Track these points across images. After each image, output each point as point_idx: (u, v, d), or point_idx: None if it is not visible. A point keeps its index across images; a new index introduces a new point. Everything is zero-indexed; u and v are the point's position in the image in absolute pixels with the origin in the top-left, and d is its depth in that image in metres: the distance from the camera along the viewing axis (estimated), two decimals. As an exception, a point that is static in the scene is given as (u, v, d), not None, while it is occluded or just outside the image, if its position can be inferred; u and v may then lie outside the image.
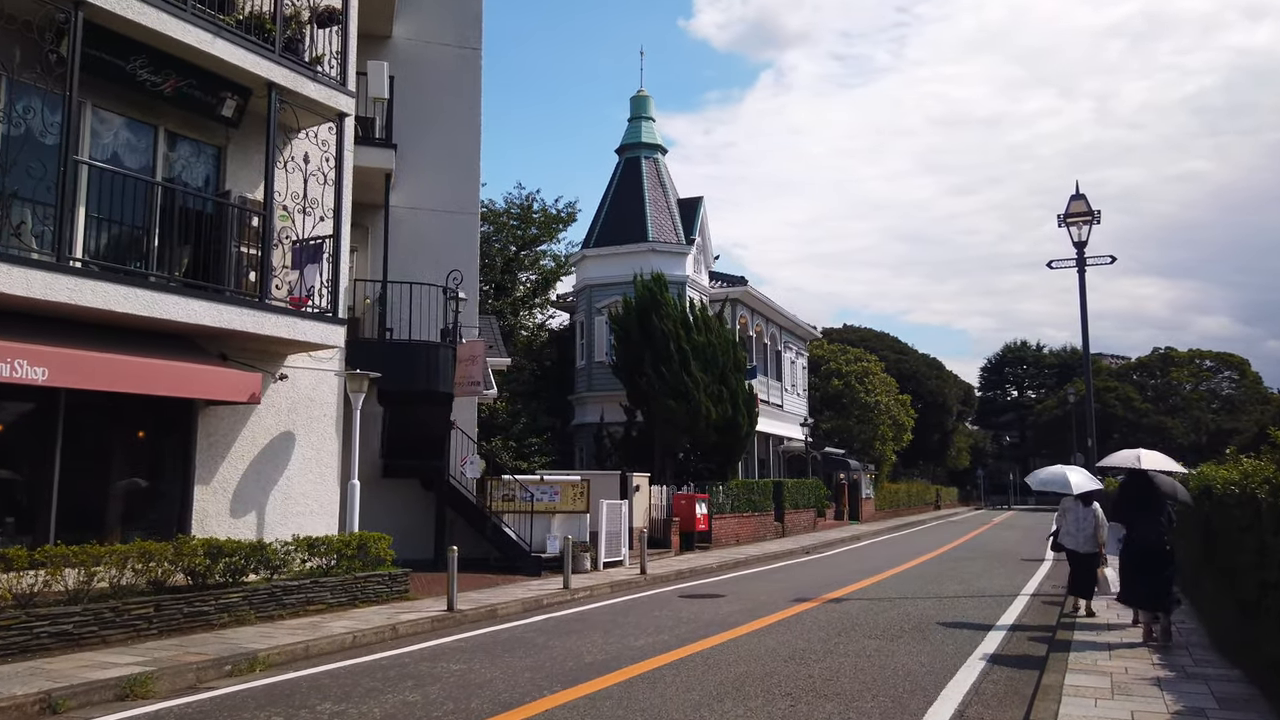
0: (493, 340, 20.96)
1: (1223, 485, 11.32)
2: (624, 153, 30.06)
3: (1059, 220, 15.68)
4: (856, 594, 14.35)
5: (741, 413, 24.00)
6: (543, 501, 17.23)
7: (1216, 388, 74.46)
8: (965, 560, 21.14)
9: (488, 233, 32.41)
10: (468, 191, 17.57)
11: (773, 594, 14.27)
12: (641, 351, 23.60)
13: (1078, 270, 15.56)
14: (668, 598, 13.89)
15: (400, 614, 11.16)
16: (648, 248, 27.75)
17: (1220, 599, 10.80)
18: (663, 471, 24.13)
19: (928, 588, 15.30)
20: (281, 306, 11.71)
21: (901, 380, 52.83)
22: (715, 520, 24.21)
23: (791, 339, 37.80)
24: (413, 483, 16.47)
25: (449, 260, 16.83)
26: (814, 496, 32.58)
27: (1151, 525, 9.75)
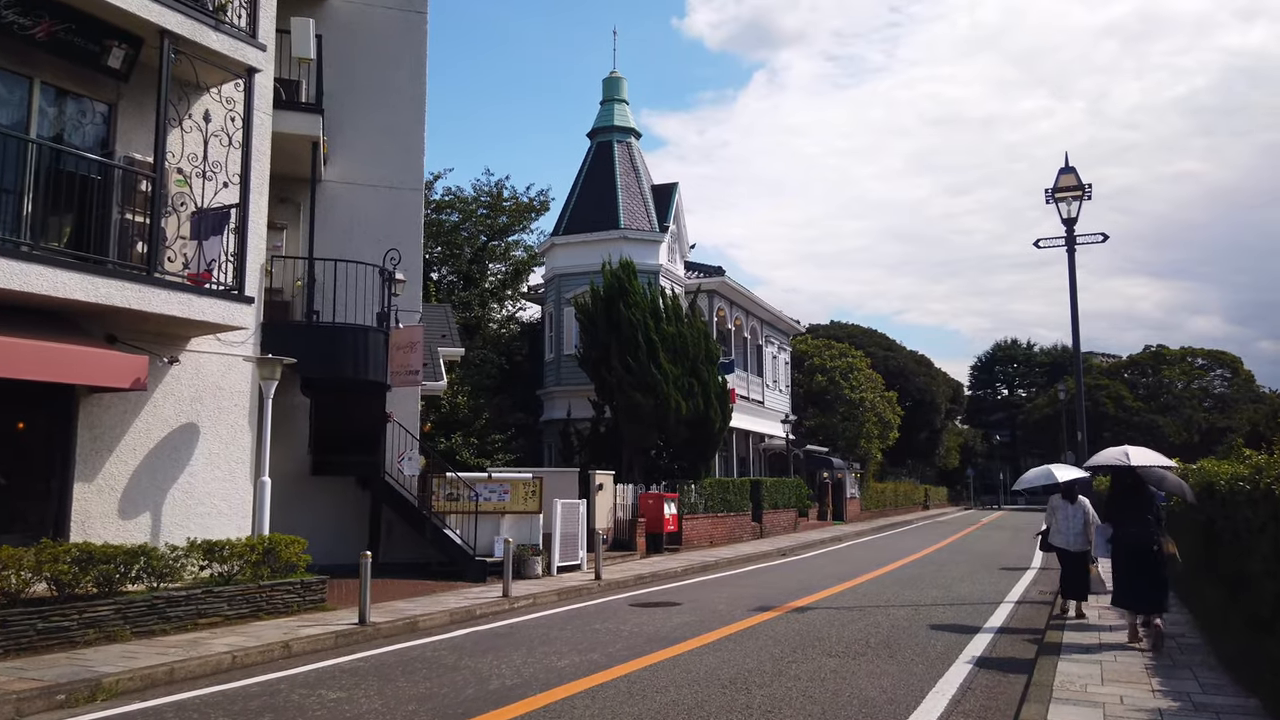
0: (446, 329, 19.67)
1: (1228, 482, 10.12)
2: (595, 136, 28.77)
3: (1046, 195, 14.48)
4: (825, 602, 13.11)
5: (714, 407, 22.75)
6: (490, 501, 15.94)
7: (1208, 386, 73.47)
8: (948, 563, 19.93)
9: (455, 221, 31.12)
10: (410, 166, 16.27)
11: (733, 602, 13.02)
12: (608, 343, 22.33)
13: (1067, 250, 14.36)
14: (617, 607, 12.62)
15: (303, 628, 9.87)
16: (619, 235, 26.48)
17: (1226, 611, 9.58)
18: (631, 469, 22.87)
19: (904, 594, 14.08)
20: (175, 281, 10.40)
21: (889, 378, 51.66)
22: (686, 521, 22.95)
23: (773, 333, 36.57)
24: (347, 481, 15.17)
25: (390, 240, 15.55)
26: (795, 496, 31.36)
27: (1140, 524, 9.26)
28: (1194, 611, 11.45)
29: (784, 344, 38.35)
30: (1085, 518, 11.22)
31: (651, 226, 27.29)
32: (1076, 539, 11.12)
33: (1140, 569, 9.09)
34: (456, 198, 31.21)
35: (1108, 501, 10.20)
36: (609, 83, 28.91)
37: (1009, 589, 14.72)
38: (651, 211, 27.60)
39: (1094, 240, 14.31)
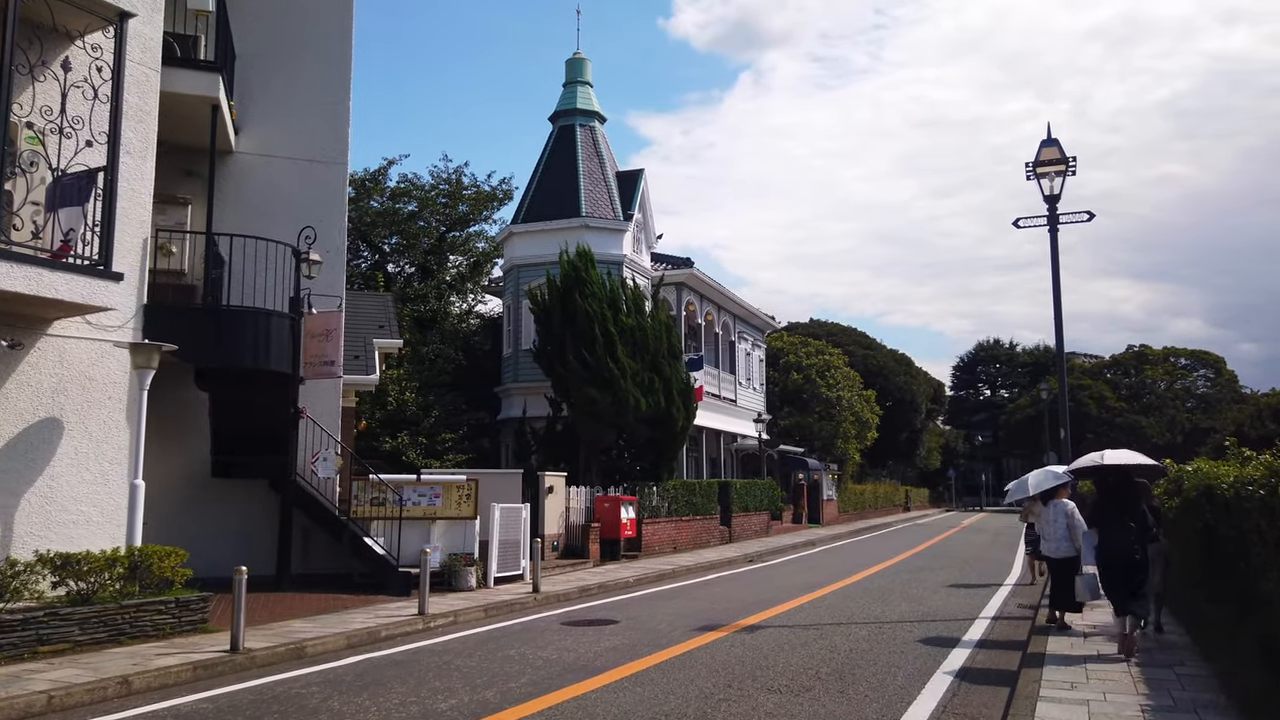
0: (385, 320, 18.21)
1: (1233, 485, 8.85)
2: (557, 120, 27.34)
3: (1027, 171, 13.21)
4: (781, 618, 11.76)
5: (676, 405, 21.38)
6: (419, 506, 14.51)
7: (1191, 386, 72.80)
8: (924, 570, 18.65)
9: (413, 211, 29.60)
10: (334, 138, 14.82)
11: (677, 619, 11.66)
12: (563, 336, 20.94)
13: (1049, 229, 13.08)
14: (545, 626, 11.23)
15: (160, 657, 8.42)
16: (580, 223, 25.07)
17: (1233, 633, 8.28)
18: (589, 470, 21.49)
19: (870, 608, 12.75)
20: (21, 253, 8.93)
21: (869, 376, 50.46)
22: (646, 526, 21.57)
23: (747, 329, 35.25)
24: (258, 485, 13.70)
25: (310, 218, 14.10)
26: (767, 498, 30.04)
27: (1121, 530, 8.79)
28: (1191, 629, 10.19)
29: (759, 340, 37.05)
30: (1068, 521, 10.48)
31: (615, 215, 25.90)
32: (1060, 544, 10.41)
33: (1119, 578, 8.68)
34: (413, 185, 29.69)
35: (1092, 506, 9.64)
36: (572, 64, 27.50)
37: (984, 603, 13.43)
38: (615, 199, 26.21)
39: (1079, 219, 13.05)
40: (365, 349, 16.98)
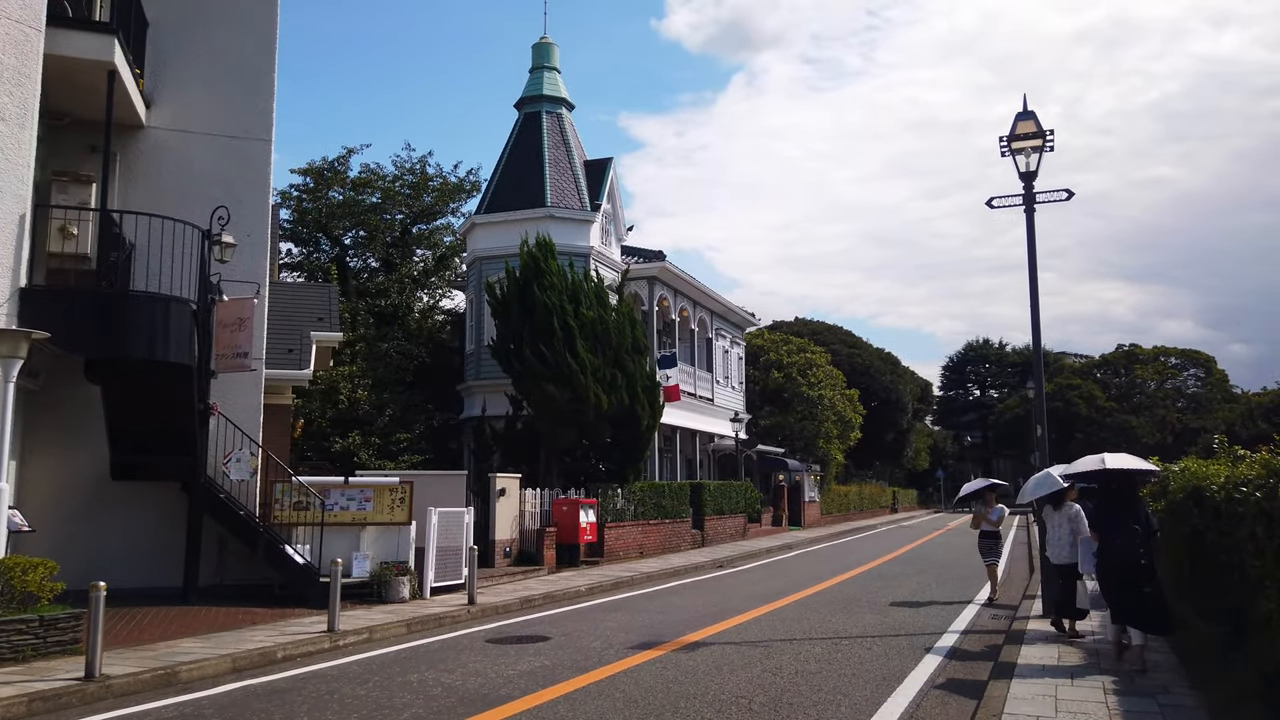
0: (325, 311, 17.11)
1: (1222, 488, 7.83)
2: (523, 107, 26.24)
3: (1001, 146, 12.18)
4: (730, 633, 10.71)
5: (641, 402, 20.32)
6: (348, 510, 13.43)
7: (1181, 386, 72.14)
8: (898, 577, 17.62)
9: (375, 203, 28.48)
10: (257, 112, 13.72)
11: (617, 635, 10.60)
12: (521, 330, 19.88)
13: (1025, 209, 12.07)
14: (467, 644, 10.16)
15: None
16: (545, 213, 23.98)
17: (1230, 662, 7.26)
18: (549, 472, 20.42)
19: (831, 621, 11.71)
20: None
21: (854, 375, 49.49)
22: (610, 530, 20.51)
23: (725, 326, 34.20)
24: (168, 489, 12.57)
25: (231, 200, 12.99)
26: (744, 500, 28.99)
27: (1125, 537, 8.35)
28: (1178, 647, 9.17)
29: (737, 338, 36.00)
30: (1070, 525, 10.03)
31: (582, 205, 24.83)
32: (1062, 550, 10.02)
33: (1124, 586, 8.23)
34: (376, 175, 28.55)
35: (1095, 508, 9.34)
36: (539, 48, 26.40)
37: (956, 615, 12.38)
38: (583, 189, 25.14)
39: (1056, 198, 12.04)
40: (301, 342, 15.89)
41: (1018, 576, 18.08)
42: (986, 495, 13.90)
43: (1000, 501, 13.87)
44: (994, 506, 13.81)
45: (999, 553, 14.04)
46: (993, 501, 13.86)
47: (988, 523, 13.70)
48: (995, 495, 13.98)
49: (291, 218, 27.87)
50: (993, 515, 13.71)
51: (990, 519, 13.70)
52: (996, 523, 13.71)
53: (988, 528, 13.73)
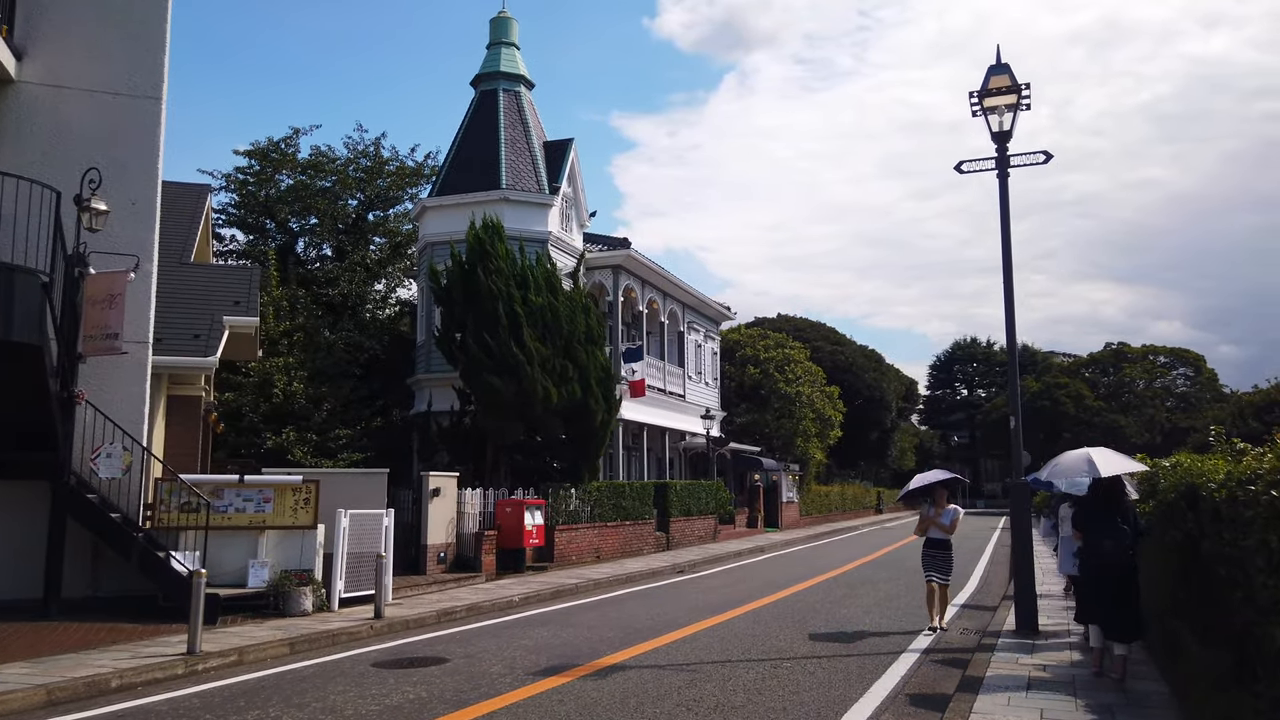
0: (243, 295, 15.67)
1: (1223, 487, 6.51)
2: (479, 84, 24.82)
3: (972, 103, 10.84)
4: (658, 653, 9.34)
5: (595, 395, 18.94)
6: (244, 513, 12.01)
7: (1170, 385, 71.24)
8: (866, 584, 16.29)
9: (327, 187, 27.00)
10: (146, 68, 12.28)
11: (528, 655, 9.23)
12: (465, 318, 18.50)
13: (997, 174, 10.74)
14: (347, 669, 8.76)
15: None
16: (500, 196, 22.58)
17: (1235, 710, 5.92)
18: (496, 470, 19.03)
19: (779, 637, 10.36)
20: None
21: (837, 373, 48.21)
22: (562, 533, 19.13)
23: (698, 319, 32.84)
24: (36, 488, 11.11)
25: (112, 161, 11.63)
26: (714, 501, 27.63)
27: (1115, 536, 7.88)
28: (1167, 672, 7.86)
29: (711, 332, 34.64)
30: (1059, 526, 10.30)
31: (540, 187, 23.44)
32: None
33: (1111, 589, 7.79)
34: (326, 158, 27.05)
35: (1080, 507, 8.79)
36: (496, 23, 24.96)
37: (923, 627, 11.04)
38: (541, 171, 23.75)
39: (1032, 161, 10.72)
40: (211, 327, 14.45)
41: (995, 582, 16.82)
42: (937, 493, 10.88)
43: (953, 501, 10.92)
44: (946, 507, 10.79)
45: (948, 568, 10.75)
46: (944, 501, 10.82)
47: (937, 528, 10.76)
48: (948, 493, 10.96)
49: (234, 201, 26.40)
50: (944, 518, 10.72)
51: (940, 523, 10.73)
52: (949, 528, 10.73)
53: (936, 534, 10.78)
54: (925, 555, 10.72)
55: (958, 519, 10.74)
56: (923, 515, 10.94)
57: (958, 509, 10.77)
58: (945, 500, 10.79)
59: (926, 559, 10.70)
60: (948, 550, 10.70)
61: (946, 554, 10.67)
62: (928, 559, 10.68)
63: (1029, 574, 10.29)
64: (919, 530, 10.89)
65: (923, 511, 10.96)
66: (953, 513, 10.73)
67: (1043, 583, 12.28)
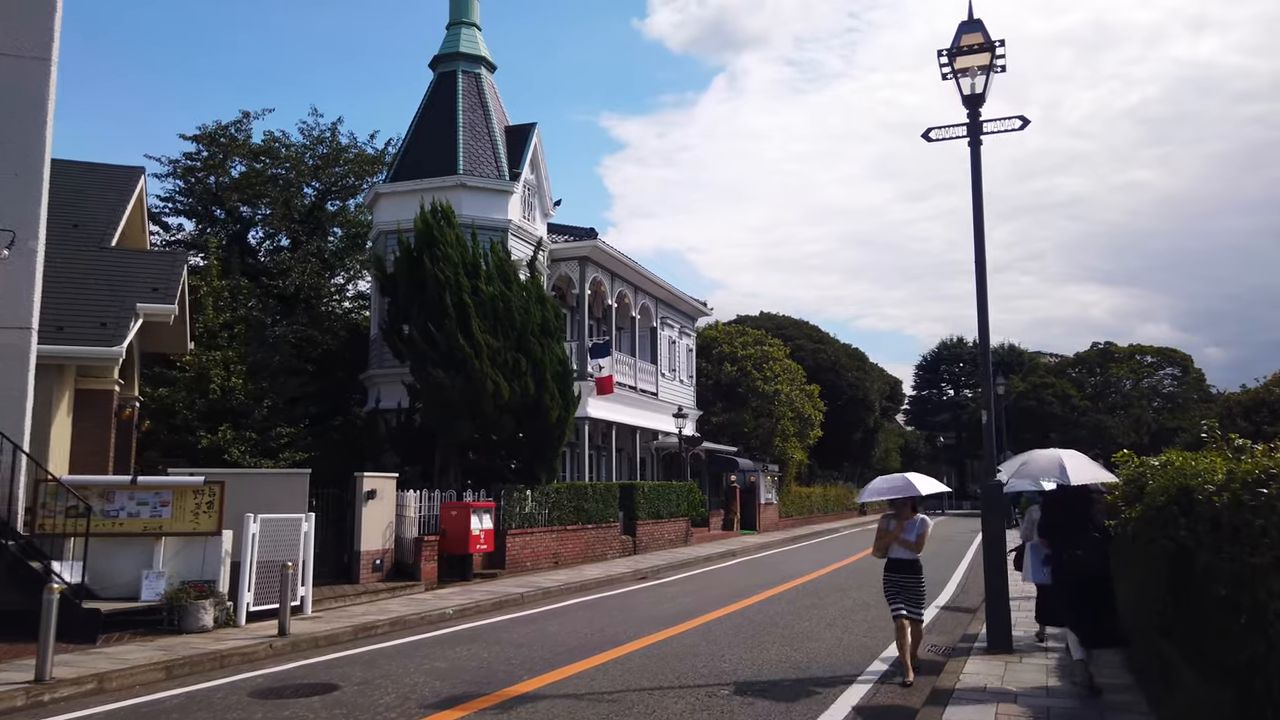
0: (162, 280, 14.47)
1: (1223, 490, 5.47)
2: (438, 66, 23.64)
3: (942, 63, 9.77)
4: (581, 678, 8.23)
5: (550, 391, 17.80)
6: (137, 518, 10.85)
7: (1158, 385, 70.57)
8: (835, 592, 15.23)
9: (280, 174, 25.78)
10: (30, 25, 11.09)
11: (432, 681, 8.12)
12: (410, 308, 17.36)
13: (969, 141, 9.68)
14: (220, 700, 7.63)
15: None
16: (456, 182, 21.43)
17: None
18: (446, 471, 17.88)
19: (726, 655, 9.27)
20: None
21: (819, 372, 47.22)
22: (515, 537, 18.02)
23: (672, 314, 31.73)
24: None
25: None
26: (685, 503, 26.53)
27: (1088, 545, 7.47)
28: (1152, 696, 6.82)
29: (687, 328, 33.54)
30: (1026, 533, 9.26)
31: (500, 173, 22.29)
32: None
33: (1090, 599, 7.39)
34: (281, 143, 25.82)
35: (1044, 513, 8.21)
36: (456, 2, 23.78)
37: (887, 643, 9.96)
38: (502, 156, 22.61)
39: (1010, 127, 9.68)
40: (120, 315, 13.25)
41: (978, 580, 15.79)
42: (900, 505, 8.48)
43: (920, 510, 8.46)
44: (911, 518, 8.35)
45: (920, 597, 8.24)
46: (908, 513, 8.37)
47: (901, 545, 8.26)
48: (914, 502, 8.43)
49: (178, 188, 25.16)
50: (908, 533, 8.28)
51: (905, 539, 8.26)
52: (915, 545, 8.24)
53: (900, 553, 8.26)
54: (888, 581, 8.29)
55: (926, 533, 8.25)
56: (881, 529, 8.47)
57: (926, 520, 8.38)
58: (910, 510, 8.37)
59: (890, 586, 8.25)
60: (917, 575, 8.21)
61: (916, 579, 8.19)
62: (891, 586, 8.23)
63: (1002, 586, 9.22)
64: (877, 548, 8.43)
65: (881, 524, 8.52)
66: (919, 525, 8.27)
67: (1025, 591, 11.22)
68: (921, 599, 8.25)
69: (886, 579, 8.32)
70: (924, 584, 8.33)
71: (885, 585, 8.33)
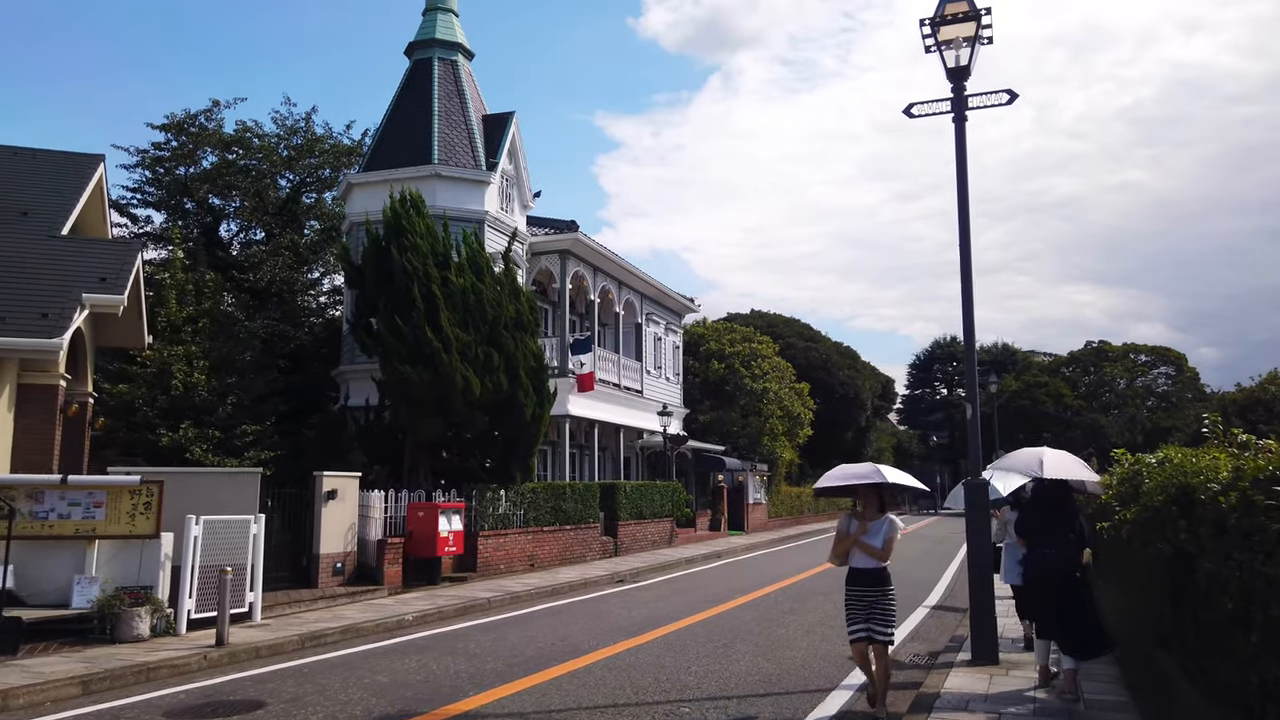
0: (112, 270, 13.78)
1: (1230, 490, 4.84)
2: (413, 53, 22.96)
3: (924, 34, 9.15)
4: (530, 695, 7.60)
5: (524, 388, 17.15)
6: (68, 520, 10.17)
7: (1151, 384, 70.11)
8: (816, 596, 14.60)
9: (254, 165, 25.08)
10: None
11: (366, 699, 7.47)
12: (377, 300, 16.71)
13: (954, 117, 9.07)
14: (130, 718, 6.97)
15: None
16: (430, 171, 20.75)
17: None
18: (416, 470, 17.22)
19: (692, 668, 8.63)
20: None
21: (810, 370, 46.59)
22: (489, 539, 17.36)
23: (658, 310, 31.08)
24: None
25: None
26: (670, 503, 25.88)
27: (1058, 545, 7.22)
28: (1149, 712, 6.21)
29: (674, 325, 32.89)
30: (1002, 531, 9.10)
31: (477, 163, 21.62)
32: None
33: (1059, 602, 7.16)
34: (253, 133, 25.10)
35: (1022, 512, 8.10)
36: (433, -13, 23.14)
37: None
38: (478, 146, 21.94)
39: (996, 102, 9.08)
40: (64, 305, 12.57)
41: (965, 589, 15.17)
42: (864, 497, 6.94)
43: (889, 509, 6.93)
44: (877, 518, 6.83)
45: (889, 615, 6.69)
46: (874, 510, 6.86)
47: (863, 551, 6.75)
48: (880, 500, 6.90)
49: (145, 179, 24.42)
50: (872, 536, 6.74)
51: (869, 544, 6.73)
52: (881, 552, 6.70)
53: (863, 561, 6.76)
54: (849, 594, 6.81)
55: (894, 537, 6.77)
56: (840, 532, 6.97)
57: (895, 521, 6.85)
58: (878, 508, 6.85)
59: (852, 601, 6.76)
60: (884, 585, 6.69)
61: (883, 591, 6.67)
62: (854, 601, 6.74)
63: (987, 592, 8.61)
64: (835, 555, 6.93)
65: (840, 525, 7.05)
66: (886, 527, 6.75)
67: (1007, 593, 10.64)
68: (891, 617, 6.66)
69: (848, 593, 6.81)
70: (894, 598, 6.75)
71: (847, 598, 6.83)
